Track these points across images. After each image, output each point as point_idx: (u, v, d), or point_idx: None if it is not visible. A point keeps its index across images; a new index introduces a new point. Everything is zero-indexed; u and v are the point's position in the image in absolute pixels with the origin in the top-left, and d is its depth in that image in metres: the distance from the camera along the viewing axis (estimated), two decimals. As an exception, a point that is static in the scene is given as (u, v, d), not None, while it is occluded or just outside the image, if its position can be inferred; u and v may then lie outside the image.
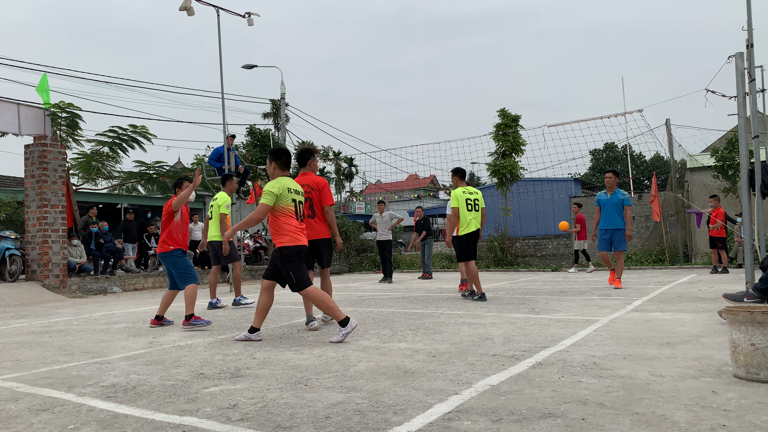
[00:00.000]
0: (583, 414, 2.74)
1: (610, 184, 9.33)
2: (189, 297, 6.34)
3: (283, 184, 5.11)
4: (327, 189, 5.96)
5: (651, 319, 5.71)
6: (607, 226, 9.19)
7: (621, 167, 52.91)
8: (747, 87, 7.09)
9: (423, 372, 3.73)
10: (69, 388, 3.67)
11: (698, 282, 10.15)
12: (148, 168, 17.49)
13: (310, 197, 5.83)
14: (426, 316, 6.60)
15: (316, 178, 5.99)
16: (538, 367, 3.77)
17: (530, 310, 6.75)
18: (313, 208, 5.84)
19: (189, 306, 6.30)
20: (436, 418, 2.75)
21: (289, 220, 5.09)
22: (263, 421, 2.82)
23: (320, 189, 5.90)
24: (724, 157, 15.27)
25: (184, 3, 12.33)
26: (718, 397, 2.95)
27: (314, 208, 5.85)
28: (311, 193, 5.85)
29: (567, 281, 11.11)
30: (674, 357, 3.93)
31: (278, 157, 5.28)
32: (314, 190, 5.88)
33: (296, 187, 5.26)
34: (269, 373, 3.88)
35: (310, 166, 6.08)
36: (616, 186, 9.32)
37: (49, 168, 12.02)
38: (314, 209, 5.85)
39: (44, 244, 11.77)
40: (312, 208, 5.83)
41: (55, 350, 5.14)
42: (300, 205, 5.24)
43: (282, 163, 5.27)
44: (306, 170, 6.04)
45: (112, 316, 7.81)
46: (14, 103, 11.98)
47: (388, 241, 13.22)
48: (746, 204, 7.25)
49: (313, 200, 5.86)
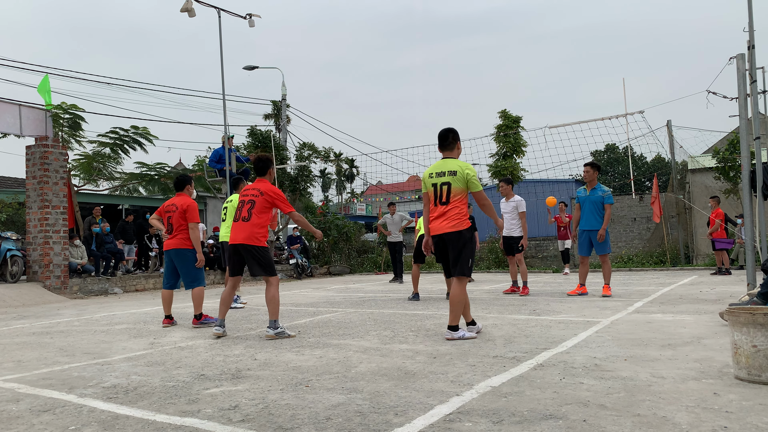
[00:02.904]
0: (584, 415, 2.74)
1: (588, 178, 8.28)
2: (197, 298, 6.42)
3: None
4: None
5: (652, 321, 5.71)
6: (584, 226, 8.22)
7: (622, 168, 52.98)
8: (748, 88, 7.09)
9: (424, 373, 3.72)
10: (70, 389, 3.67)
11: (699, 283, 10.14)
12: (149, 169, 17.54)
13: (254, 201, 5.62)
14: (427, 317, 6.59)
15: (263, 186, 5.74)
16: (540, 368, 3.76)
17: (531, 312, 6.74)
18: (251, 212, 5.58)
19: (198, 306, 6.41)
20: (437, 420, 2.75)
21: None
22: (264, 422, 2.82)
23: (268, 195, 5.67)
24: (726, 159, 15.25)
25: (186, 4, 12.35)
26: (720, 398, 2.95)
27: (252, 212, 5.58)
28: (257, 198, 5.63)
29: (568, 282, 11.10)
30: (675, 358, 3.93)
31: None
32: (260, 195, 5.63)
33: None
34: (270, 374, 3.88)
35: (270, 175, 5.87)
36: (597, 181, 8.28)
37: (50, 169, 12.03)
38: (251, 213, 5.57)
39: (45, 245, 11.78)
40: (250, 212, 5.58)
41: (56, 351, 5.15)
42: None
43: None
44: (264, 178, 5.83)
45: (113, 317, 7.81)
46: (16, 104, 11.99)
47: (399, 243, 13.29)
48: (747, 205, 7.24)
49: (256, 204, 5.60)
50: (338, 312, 7.48)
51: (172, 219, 6.51)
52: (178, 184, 6.80)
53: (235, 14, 13.81)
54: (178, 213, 6.47)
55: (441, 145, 5.25)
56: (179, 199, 6.59)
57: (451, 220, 5.02)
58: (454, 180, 5.02)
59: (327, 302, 8.94)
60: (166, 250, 6.56)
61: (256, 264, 5.51)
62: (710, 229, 13.01)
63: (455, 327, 5.00)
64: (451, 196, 5.03)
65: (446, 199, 5.04)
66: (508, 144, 17.98)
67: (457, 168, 5.05)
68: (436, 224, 5.11)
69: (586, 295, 8.37)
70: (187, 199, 6.62)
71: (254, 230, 5.48)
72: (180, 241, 6.45)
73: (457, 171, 5.03)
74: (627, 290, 9.13)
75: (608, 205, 8.15)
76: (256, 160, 5.87)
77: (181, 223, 6.46)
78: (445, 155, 5.22)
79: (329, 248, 19.69)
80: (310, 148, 21.27)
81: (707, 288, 9.15)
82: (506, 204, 9.26)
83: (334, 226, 19.38)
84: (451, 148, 5.21)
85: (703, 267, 14.91)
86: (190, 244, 6.45)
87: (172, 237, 6.49)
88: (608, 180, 50.89)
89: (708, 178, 17.34)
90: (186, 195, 6.71)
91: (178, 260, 6.47)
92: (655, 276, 12.71)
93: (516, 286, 9.24)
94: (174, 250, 6.47)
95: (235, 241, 5.52)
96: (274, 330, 5.35)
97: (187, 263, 6.45)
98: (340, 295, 10.15)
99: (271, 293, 5.43)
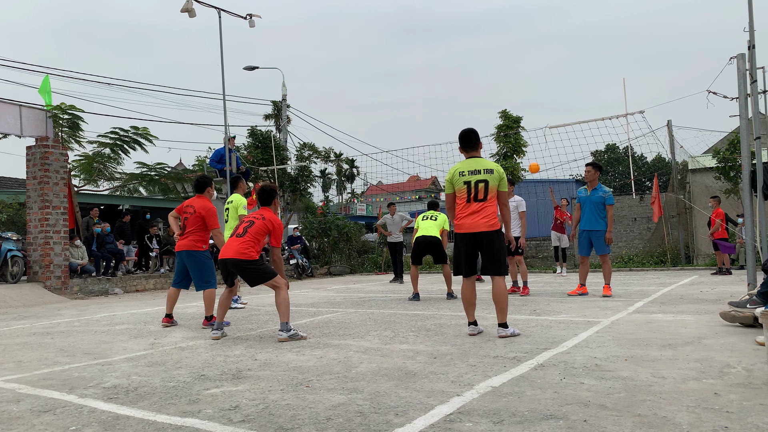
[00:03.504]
0: (584, 416, 2.74)
1: (589, 178, 8.29)
2: (208, 299, 6.36)
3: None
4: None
5: (653, 321, 5.70)
6: (585, 227, 8.22)
7: (622, 168, 52.96)
8: (749, 88, 7.09)
9: (424, 373, 3.72)
10: (71, 389, 3.67)
11: (700, 283, 10.14)
12: (149, 169, 17.52)
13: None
14: (427, 317, 6.59)
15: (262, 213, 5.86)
16: (540, 368, 3.76)
17: (532, 312, 6.74)
18: (247, 230, 5.64)
19: (209, 308, 6.36)
20: (438, 420, 2.75)
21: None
22: (265, 422, 2.82)
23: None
24: (726, 159, 15.25)
25: (186, 4, 12.35)
26: (720, 398, 2.95)
27: (248, 230, 5.64)
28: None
29: (568, 282, 11.09)
30: (676, 359, 3.93)
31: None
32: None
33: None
34: (271, 374, 3.88)
35: (275, 205, 5.96)
36: (599, 181, 8.28)
37: (50, 169, 12.03)
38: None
39: (46, 246, 11.78)
40: (246, 230, 5.64)
41: (56, 351, 5.15)
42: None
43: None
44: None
45: (114, 317, 7.81)
46: (16, 105, 12.00)
47: (400, 243, 13.31)
48: (748, 205, 7.24)
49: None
50: (339, 312, 7.48)
51: (188, 220, 6.45)
52: (198, 186, 6.65)
53: (235, 14, 13.82)
54: (196, 216, 6.40)
55: (465, 145, 5.24)
56: (198, 201, 6.49)
57: (489, 218, 5.03)
58: (492, 178, 5.05)
59: (327, 302, 8.94)
60: (178, 251, 6.50)
61: (249, 277, 5.47)
62: (711, 230, 13.01)
63: (505, 324, 5.04)
64: (488, 193, 5.04)
65: (483, 196, 5.04)
66: (509, 144, 18.00)
67: (493, 167, 5.12)
68: (472, 221, 5.05)
69: (586, 295, 8.37)
70: (207, 202, 6.50)
71: (244, 246, 5.44)
72: (192, 243, 6.37)
73: (494, 170, 5.09)
74: (627, 290, 9.13)
75: (610, 206, 8.15)
76: (260, 191, 5.86)
77: (196, 225, 6.39)
78: (472, 155, 5.24)
79: (329, 248, 19.69)
80: (310, 149, 21.29)
81: (708, 288, 9.14)
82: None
83: (335, 226, 19.38)
84: (476, 147, 5.24)
85: (703, 267, 14.90)
86: (201, 245, 6.40)
87: (184, 238, 6.42)
88: (609, 180, 50.90)
89: (708, 178, 17.34)
90: (206, 198, 6.58)
91: (190, 262, 6.41)
92: (655, 276, 12.71)
93: (516, 286, 9.23)
94: (185, 252, 6.40)
95: (225, 256, 5.50)
96: (286, 333, 5.30)
97: (198, 264, 6.39)
98: (340, 296, 10.15)
99: (281, 296, 5.40)
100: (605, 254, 8.25)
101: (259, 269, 5.44)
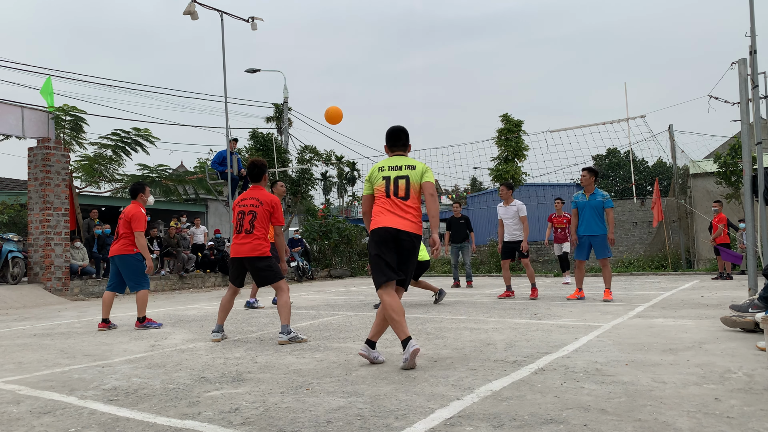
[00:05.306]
0: (585, 420, 2.73)
1: (585, 183, 8.21)
2: (141, 300, 6.70)
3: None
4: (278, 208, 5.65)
5: (653, 325, 5.70)
6: (586, 231, 8.14)
7: (624, 173, 52.94)
8: (750, 93, 7.09)
9: (425, 377, 3.72)
10: (71, 391, 3.67)
11: (701, 288, 10.12)
12: (151, 171, 17.57)
13: (255, 211, 5.53)
14: (428, 321, 6.59)
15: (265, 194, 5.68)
16: (540, 372, 3.76)
17: (532, 316, 6.73)
18: (253, 223, 5.50)
19: (141, 309, 6.69)
20: (438, 424, 2.75)
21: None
22: (265, 425, 2.82)
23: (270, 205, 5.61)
24: (727, 163, 15.26)
25: (189, 7, 12.40)
26: (721, 404, 2.94)
27: (254, 223, 5.51)
28: (257, 208, 5.54)
29: (570, 286, 11.08)
30: (677, 363, 3.92)
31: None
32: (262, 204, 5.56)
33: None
34: (271, 377, 3.88)
35: (264, 181, 5.79)
36: (595, 186, 8.23)
37: (52, 171, 12.05)
38: (254, 224, 5.50)
39: (47, 247, 11.79)
40: (252, 224, 5.50)
41: (56, 353, 5.15)
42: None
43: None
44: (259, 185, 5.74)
45: (114, 318, 7.81)
46: (18, 106, 12.03)
47: None
48: (749, 210, 7.24)
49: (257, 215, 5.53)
50: (339, 315, 7.48)
51: (118, 226, 6.82)
52: (132, 192, 7.03)
53: (237, 17, 13.85)
54: (123, 221, 6.74)
55: (392, 143, 4.64)
56: (129, 206, 6.84)
57: (413, 220, 4.35)
58: (413, 174, 4.41)
59: (328, 305, 8.94)
60: (111, 257, 6.85)
61: (261, 276, 5.49)
62: (713, 235, 12.98)
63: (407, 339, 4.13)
64: (410, 190, 4.41)
65: (405, 194, 4.37)
66: (510, 148, 17.99)
67: (415, 164, 4.53)
68: (393, 218, 4.33)
69: (584, 299, 8.37)
70: (135, 207, 6.79)
71: (257, 242, 5.45)
72: (122, 247, 6.71)
73: (416, 166, 4.50)
74: (628, 295, 9.12)
75: (609, 209, 8.18)
76: (251, 166, 5.76)
77: (125, 230, 6.71)
78: (397, 153, 4.63)
79: (330, 251, 19.69)
80: (311, 151, 21.32)
81: (709, 293, 9.13)
82: (506, 209, 9.25)
83: (336, 229, 19.39)
84: (404, 147, 4.68)
85: (704, 271, 14.88)
86: (131, 249, 6.71)
87: (115, 242, 6.80)
88: (610, 184, 50.89)
89: (709, 182, 17.35)
90: (138, 203, 6.89)
91: (122, 265, 6.73)
92: (656, 280, 12.69)
93: (510, 290, 9.21)
94: (117, 257, 6.75)
95: (239, 254, 5.47)
96: (287, 335, 5.31)
97: (130, 267, 6.71)
98: (340, 298, 10.14)
99: (283, 299, 5.42)
100: (606, 258, 8.24)
101: (273, 269, 5.51)
